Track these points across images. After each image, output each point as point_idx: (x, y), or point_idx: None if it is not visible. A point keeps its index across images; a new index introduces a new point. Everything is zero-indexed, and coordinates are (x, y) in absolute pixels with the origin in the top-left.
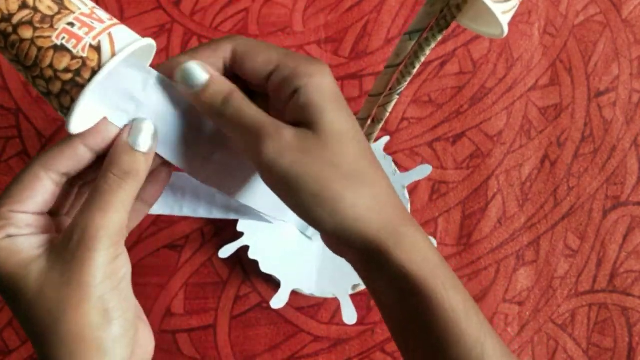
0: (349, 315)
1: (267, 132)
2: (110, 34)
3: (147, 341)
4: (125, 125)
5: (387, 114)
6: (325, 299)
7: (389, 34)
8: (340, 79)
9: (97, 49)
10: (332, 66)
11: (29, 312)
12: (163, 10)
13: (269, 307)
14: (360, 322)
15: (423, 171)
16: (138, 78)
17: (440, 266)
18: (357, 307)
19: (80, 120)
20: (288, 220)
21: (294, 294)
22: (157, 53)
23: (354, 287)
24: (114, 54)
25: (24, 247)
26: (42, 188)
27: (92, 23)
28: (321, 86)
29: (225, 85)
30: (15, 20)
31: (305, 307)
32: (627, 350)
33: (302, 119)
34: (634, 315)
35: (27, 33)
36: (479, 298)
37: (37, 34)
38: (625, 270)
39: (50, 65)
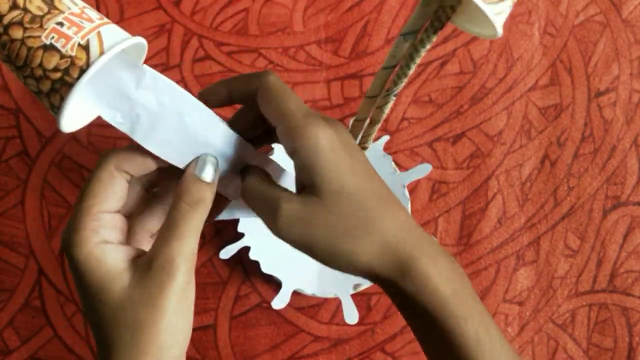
0: (351, 314)
1: (277, 206)
2: (99, 33)
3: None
4: (193, 160)
5: (385, 115)
6: (326, 299)
7: (389, 34)
8: (340, 79)
9: (86, 48)
10: (332, 66)
11: (108, 323)
12: (163, 10)
13: (269, 307)
14: (360, 322)
15: (423, 170)
16: (131, 76)
17: (451, 298)
18: (358, 307)
19: (71, 118)
20: None
21: (295, 294)
22: (157, 53)
23: (355, 286)
24: (102, 53)
25: (111, 259)
26: (118, 186)
27: (82, 22)
28: (316, 147)
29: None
30: (5, 20)
31: (305, 307)
32: (627, 350)
33: (305, 180)
34: (634, 315)
35: (17, 33)
36: (479, 298)
37: (27, 34)
38: (625, 270)
39: (40, 65)
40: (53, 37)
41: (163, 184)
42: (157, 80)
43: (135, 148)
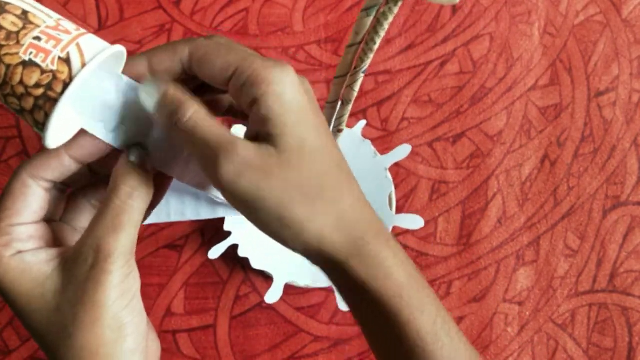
0: (344, 302)
1: (224, 149)
2: (78, 45)
3: (155, 345)
4: (126, 148)
5: (355, 94)
6: (326, 299)
7: (389, 34)
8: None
9: (67, 61)
10: (332, 66)
11: (45, 329)
12: (163, 10)
13: (269, 307)
14: None
15: (403, 152)
16: (110, 86)
17: (407, 284)
18: None
19: (56, 134)
20: None
21: (294, 293)
22: None
23: None
24: (84, 65)
25: (34, 264)
26: (33, 196)
27: (59, 35)
28: (282, 96)
29: (177, 97)
30: None
31: (305, 307)
32: (627, 350)
33: (263, 132)
34: (634, 315)
35: None
36: (479, 298)
37: (3, 52)
38: (625, 270)
39: (21, 82)
40: (32, 53)
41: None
42: (135, 88)
43: (52, 153)
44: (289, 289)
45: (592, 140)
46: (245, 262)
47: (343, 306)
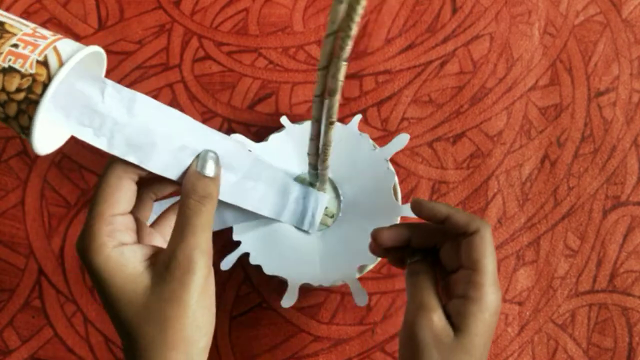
0: (360, 297)
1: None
2: (55, 47)
3: None
4: (195, 158)
5: (340, 83)
6: (326, 299)
7: (389, 34)
8: None
9: (45, 63)
10: None
11: (132, 320)
12: (163, 10)
13: (269, 307)
14: (360, 322)
15: (401, 141)
16: (94, 90)
17: None
18: (358, 307)
19: (45, 139)
20: (283, 220)
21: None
22: (157, 53)
23: (361, 268)
24: (61, 65)
25: (130, 261)
26: (127, 188)
27: (36, 41)
28: (484, 318)
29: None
30: None
31: (305, 307)
32: (627, 350)
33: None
34: (634, 315)
35: None
36: None
37: None
38: (625, 270)
39: (2, 89)
40: (10, 59)
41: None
42: (120, 90)
43: None
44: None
45: (592, 140)
46: (245, 262)
47: (360, 302)
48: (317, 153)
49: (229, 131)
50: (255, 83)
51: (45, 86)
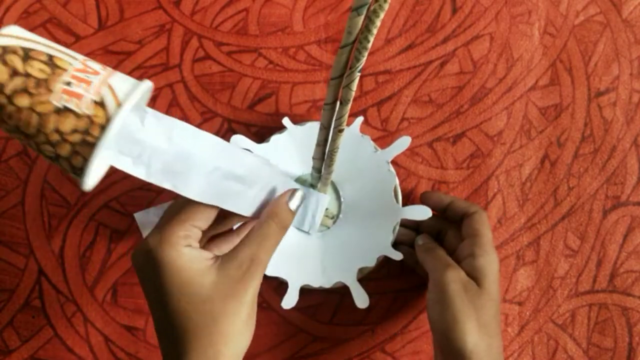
0: (361, 299)
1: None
2: (110, 86)
3: None
4: (288, 190)
5: (353, 93)
6: (326, 298)
7: (389, 34)
8: None
9: (101, 104)
10: (332, 66)
11: (194, 312)
12: (163, 10)
13: (269, 307)
14: (360, 322)
15: (403, 144)
16: (135, 119)
17: None
18: (358, 307)
19: (92, 176)
20: None
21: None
22: (157, 53)
23: (361, 270)
24: (119, 105)
25: (199, 259)
26: (210, 209)
27: (88, 77)
28: (486, 268)
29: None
30: (8, 90)
31: (305, 307)
32: (627, 350)
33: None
34: (634, 315)
35: (24, 101)
36: None
37: (35, 100)
38: (625, 270)
39: (56, 130)
40: (64, 99)
41: None
42: (160, 118)
43: None
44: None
45: (592, 140)
46: None
47: (361, 303)
48: (323, 158)
49: (229, 131)
50: (255, 83)
51: (103, 128)
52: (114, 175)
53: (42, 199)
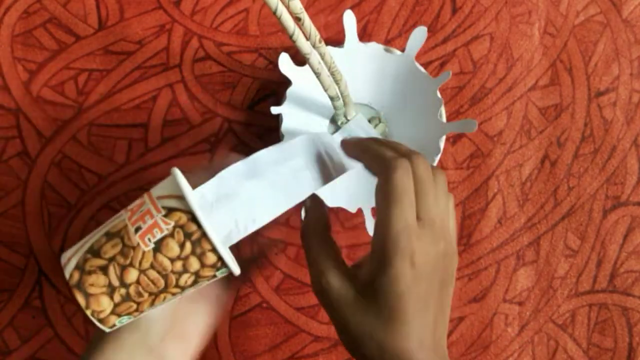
0: (371, 226)
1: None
2: (154, 200)
3: None
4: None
5: (345, 83)
6: None
7: (389, 34)
8: None
9: (171, 214)
10: None
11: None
12: (163, 10)
13: (269, 307)
14: None
15: (469, 126)
16: (202, 200)
17: None
18: None
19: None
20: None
21: (294, 294)
22: (157, 53)
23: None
24: (186, 207)
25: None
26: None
27: (143, 211)
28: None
29: None
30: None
31: (305, 307)
32: (627, 350)
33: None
34: (634, 315)
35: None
36: (479, 298)
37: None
38: (625, 270)
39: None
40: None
41: None
42: (215, 184)
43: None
44: (288, 289)
45: (592, 141)
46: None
47: (371, 230)
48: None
49: (229, 131)
50: (255, 83)
51: (199, 226)
52: (114, 176)
53: (42, 199)
